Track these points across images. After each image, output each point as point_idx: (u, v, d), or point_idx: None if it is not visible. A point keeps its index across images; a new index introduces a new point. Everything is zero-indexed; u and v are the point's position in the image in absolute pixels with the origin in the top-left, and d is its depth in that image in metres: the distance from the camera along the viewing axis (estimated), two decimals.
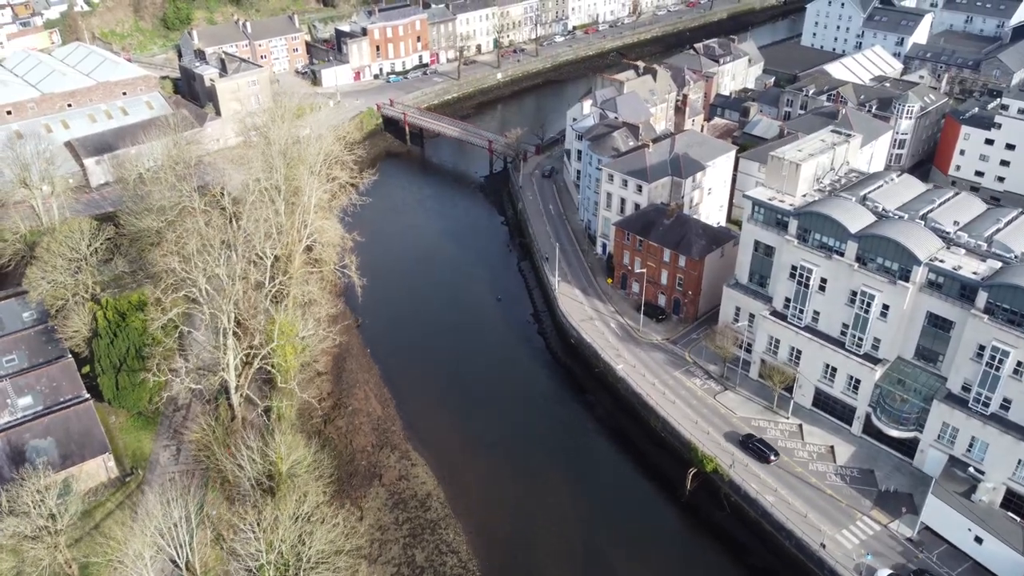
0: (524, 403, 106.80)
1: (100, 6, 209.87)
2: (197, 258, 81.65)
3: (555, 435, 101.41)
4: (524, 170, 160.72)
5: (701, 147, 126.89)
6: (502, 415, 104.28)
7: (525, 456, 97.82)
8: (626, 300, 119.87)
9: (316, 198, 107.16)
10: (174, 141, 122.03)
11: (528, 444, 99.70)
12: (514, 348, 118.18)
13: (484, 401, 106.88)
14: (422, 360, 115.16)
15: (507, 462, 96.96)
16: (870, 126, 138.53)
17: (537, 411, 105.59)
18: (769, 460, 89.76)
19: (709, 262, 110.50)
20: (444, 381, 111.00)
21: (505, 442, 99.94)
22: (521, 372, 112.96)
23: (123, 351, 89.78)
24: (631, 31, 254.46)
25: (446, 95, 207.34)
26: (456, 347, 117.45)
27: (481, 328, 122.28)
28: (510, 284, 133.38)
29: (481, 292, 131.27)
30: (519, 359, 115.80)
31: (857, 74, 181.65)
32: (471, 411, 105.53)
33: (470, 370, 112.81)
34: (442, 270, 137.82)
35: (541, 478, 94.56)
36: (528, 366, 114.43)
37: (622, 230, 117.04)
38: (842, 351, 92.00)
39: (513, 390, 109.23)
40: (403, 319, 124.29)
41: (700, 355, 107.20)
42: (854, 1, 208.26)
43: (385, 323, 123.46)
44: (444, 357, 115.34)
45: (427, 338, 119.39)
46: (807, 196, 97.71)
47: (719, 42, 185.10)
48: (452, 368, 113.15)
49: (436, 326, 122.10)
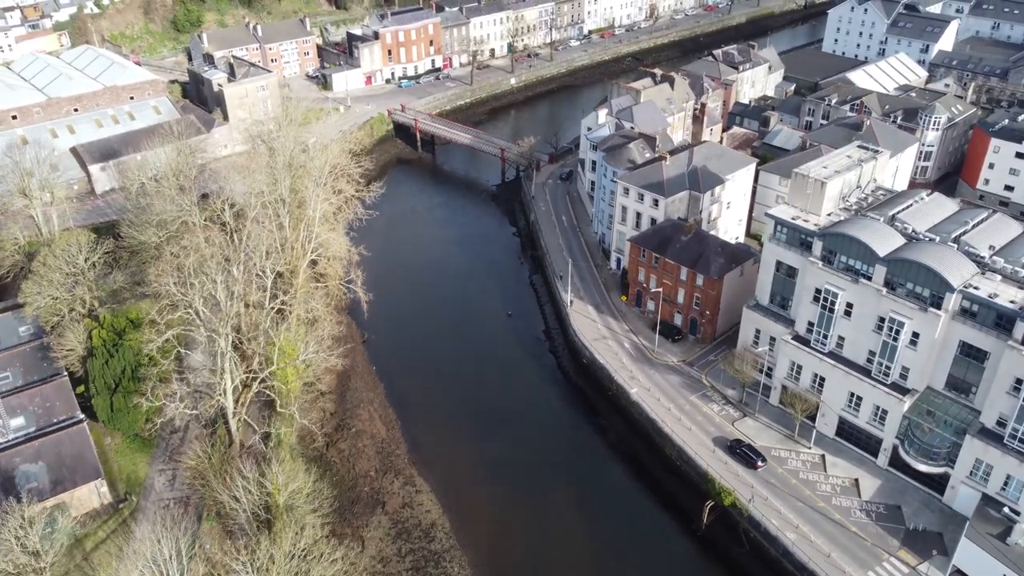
0: (534, 425, 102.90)
1: (110, 8, 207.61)
2: (194, 278, 78.20)
3: (566, 460, 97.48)
4: (537, 179, 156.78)
5: (720, 160, 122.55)
6: (511, 438, 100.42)
7: (534, 482, 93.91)
8: (641, 318, 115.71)
9: (321, 211, 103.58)
10: (177, 149, 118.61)
11: (538, 469, 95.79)
12: (524, 367, 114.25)
13: (492, 422, 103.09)
14: (429, 378, 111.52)
15: (515, 489, 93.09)
16: (895, 138, 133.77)
17: (547, 434, 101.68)
18: (756, 466, 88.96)
19: (728, 281, 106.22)
20: (452, 400, 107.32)
21: (514, 467, 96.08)
22: (531, 392, 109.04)
23: (118, 372, 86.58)
24: (648, 35, 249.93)
25: (458, 100, 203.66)
26: (465, 364, 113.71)
27: (491, 345, 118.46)
28: (521, 298, 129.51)
29: (491, 307, 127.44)
30: (529, 378, 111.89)
31: (880, 82, 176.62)
32: (479, 433, 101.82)
33: (478, 389, 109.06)
34: (452, 283, 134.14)
35: (550, 506, 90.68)
36: (539, 386, 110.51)
37: (637, 246, 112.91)
38: (868, 380, 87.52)
39: (523, 411, 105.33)
40: (410, 335, 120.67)
41: (718, 378, 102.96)
42: (878, 7, 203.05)
43: (392, 339, 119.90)
44: (452, 375, 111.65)
45: (435, 355, 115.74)
46: (832, 215, 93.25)
47: (738, 48, 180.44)
48: (460, 386, 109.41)
49: (444, 342, 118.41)
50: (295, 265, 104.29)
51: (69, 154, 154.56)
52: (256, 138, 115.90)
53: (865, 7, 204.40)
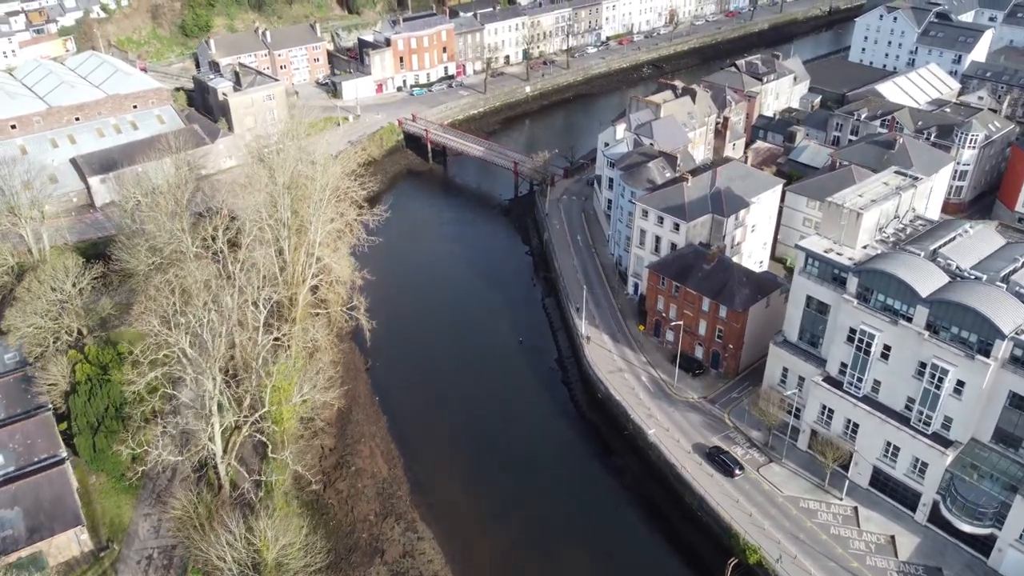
0: (545, 465, 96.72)
1: (117, 13, 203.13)
2: (180, 316, 72.70)
3: (579, 505, 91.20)
4: (551, 195, 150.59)
5: (744, 180, 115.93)
6: (520, 478, 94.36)
7: (544, 529, 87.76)
8: (659, 350, 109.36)
9: (322, 235, 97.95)
10: (175, 165, 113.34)
11: (549, 514, 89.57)
12: (535, 399, 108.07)
13: (501, 460, 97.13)
14: (435, 410, 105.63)
15: (524, 536, 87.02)
16: (930, 157, 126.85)
17: (559, 475, 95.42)
18: (733, 474, 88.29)
19: (753, 313, 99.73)
20: (458, 435, 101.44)
21: (523, 511, 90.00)
22: (542, 428, 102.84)
23: (101, 410, 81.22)
24: (667, 42, 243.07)
25: (471, 110, 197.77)
26: (473, 396, 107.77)
27: (500, 374, 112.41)
28: (533, 324, 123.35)
29: (502, 332, 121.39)
30: (541, 413, 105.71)
31: (911, 94, 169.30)
32: (486, 471, 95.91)
33: (486, 423, 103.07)
34: (461, 305, 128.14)
35: (562, 558, 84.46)
36: (550, 421, 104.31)
37: (656, 274, 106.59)
38: (907, 429, 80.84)
39: (533, 449, 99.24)
40: (417, 362, 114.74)
41: (741, 418, 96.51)
42: (908, 15, 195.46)
43: (397, 366, 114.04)
44: (459, 407, 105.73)
45: (442, 384, 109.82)
46: (868, 248, 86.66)
47: (762, 58, 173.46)
48: (467, 419, 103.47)
49: (452, 370, 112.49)
50: (294, 292, 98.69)
51: (69, 165, 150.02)
52: (255, 155, 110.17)
53: (894, 15, 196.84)
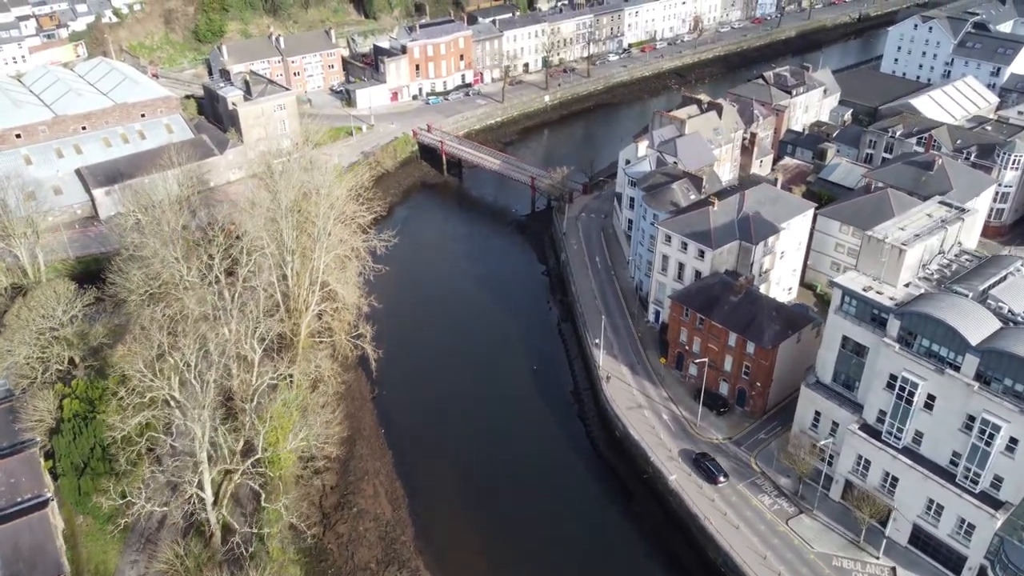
0: (559, 509, 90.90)
1: (129, 17, 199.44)
2: (169, 356, 67.74)
3: (594, 555, 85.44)
4: (569, 212, 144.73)
5: (774, 204, 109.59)
6: (533, 522, 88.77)
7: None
8: (681, 384, 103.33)
9: (326, 262, 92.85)
10: (177, 182, 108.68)
11: (561, 564, 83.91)
12: (549, 435, 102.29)
13: (511, 502, 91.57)
14: (444, 444, 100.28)
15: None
16: (970, 179, 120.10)
17: (574, 520, 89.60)
18: (717, 481, 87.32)
19: (783, 350, 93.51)
20: (467, 473, 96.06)
21: (535, 560, 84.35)
22: (557, 467, 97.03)
23: (87, 451, 76.43)
24: (691, 50, 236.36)
25: (489, 119, 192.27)
26: (484, 428, 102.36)
27: (513, 406, 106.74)
28: (548, 350, 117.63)
29: (515, 359, 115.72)
30: (555, 449, 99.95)
31: (947, 108, 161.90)
32: (495, 514, 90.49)
33: (498, 460, 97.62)
34: (474, 328, 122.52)
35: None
36: (565, 460, 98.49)
37: (680, 305, 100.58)
38: (952, 486, 74.41)
39: (546, 489, 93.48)
40: (426, 388, 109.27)
41: (769, 463, 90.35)
42: (944, 25, 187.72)
43: (405, 394, 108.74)
44: (469, 440, 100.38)
45: (451, 414, 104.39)
46: (911, 287, 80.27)
47: (791, 70, 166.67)
48: (477, 457, 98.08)
49: (463, 398, 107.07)
50: (297, 321, 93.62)
51: (74, 176, 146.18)
52: (259, 175, 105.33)
53: (929, 25, 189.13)
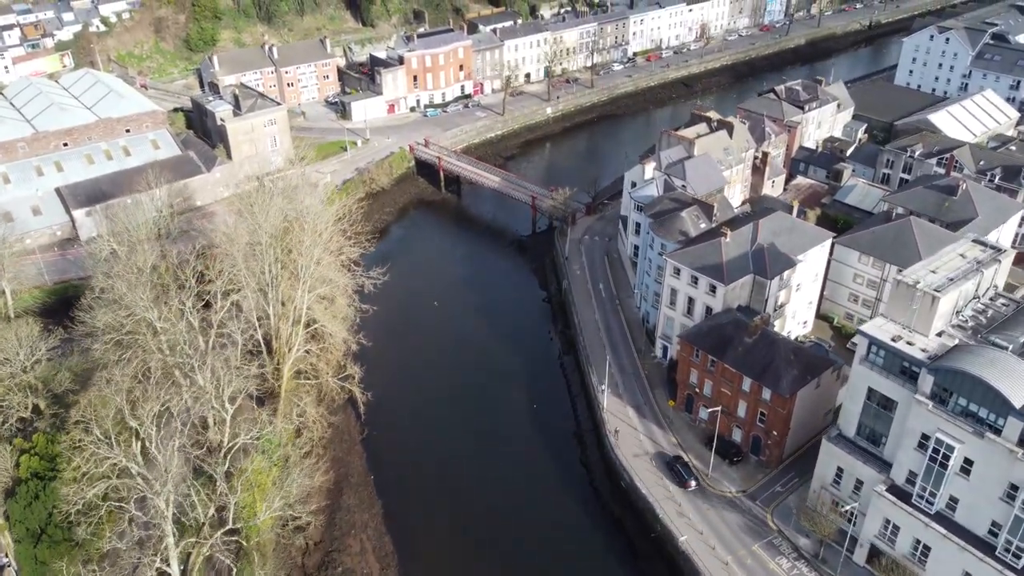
0: (559, 566, 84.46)
1: (117, 26, 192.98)
2: (131, 418, 61.35)
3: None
4: (572, 234, 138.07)
5: (790, 235, 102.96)
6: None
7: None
8: (691, 428, 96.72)
9: (310, 300, 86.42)
10: (157, 208, 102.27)
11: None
12: (550, 483, 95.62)
13: (509, 559, 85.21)
14: (437, 492, 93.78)
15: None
16: (995, 204, 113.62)
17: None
18: (686, 485, 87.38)
19: (801, 396, 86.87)
20: (462, 525, 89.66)
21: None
22: (558, 520, 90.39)
23: (44, 517, 70.00)
24: (698, 59, 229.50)
25: (488, 132, 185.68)
26: (481, 474, 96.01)
27: (511, 449, 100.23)
28: (549, 387, 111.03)
29: (514, 396, 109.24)
30: (556, 500, 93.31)
31: (966, 124, 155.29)
32: (493, 573, 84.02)
33: (494, 512, 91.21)
34: (470, 361, 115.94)
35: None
36: (567, 511, 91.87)
37: (690, 345, 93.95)
38: (991, 560, 67.74)
39: (547, 544, 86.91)
40: (419, 429, 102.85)
41: (787, 520, 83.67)
42: (961, 36, 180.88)
43: (396, 436, 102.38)
44: (464, 489, 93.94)
45: (446, 458, 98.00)
46: (944, 336, 73.61)
47: (804, 84, 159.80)
48: (472, 507, 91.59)
49: (458, 441, 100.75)
50: (280, 363, 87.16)
51: (54, 195, 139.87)
52: (238, 208, 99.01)
53: (946, 36, 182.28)
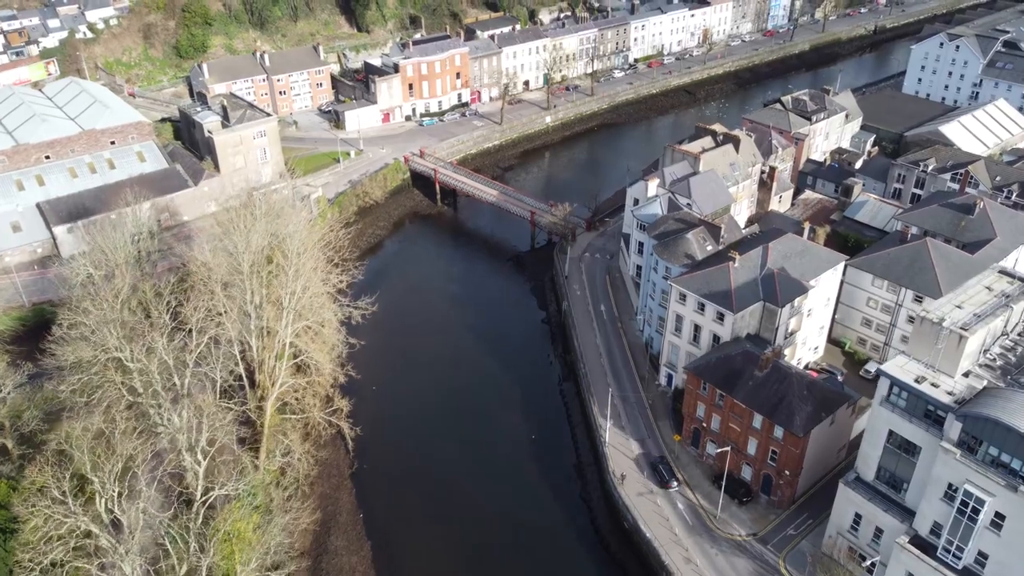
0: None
1: (105, 33, 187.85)
2: (91, 478, 56.42)
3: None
4: (572, 251, 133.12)
5: (801, 259, 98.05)
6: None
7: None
8: (698, 464, 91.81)
9: (292, 335, 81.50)
10: (137, 236, 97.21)
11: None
12: (550, 521, 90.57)
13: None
14: (431, 531, 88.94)
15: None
16: (1014, 224, 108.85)
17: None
18: (667, 486, 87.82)
19: (816, 434, 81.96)
20: (456, 565, 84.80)
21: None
22: (557, 561, 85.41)
23: (4, 574, 64.92)
24: (700, 65, 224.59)
25: (486, 142, 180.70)
26: (475, 512, 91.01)
27: (509, 483, 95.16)
28: (549, 415, 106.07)
29: (512, 425, 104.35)
30: (556, 539, 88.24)
31: (979, 136, 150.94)
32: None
33: (491, 552, 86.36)
34: (466, 387, 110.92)
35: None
36: (566, 551, 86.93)
37: (697, 378, 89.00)
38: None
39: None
40: (411, 461, 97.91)
41: (801, 566, 78.78)
42: (972, 43, 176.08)
43: (387, 469, 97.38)
44: (459, 527, 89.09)
45: (440, 495, 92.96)
46: (971, 377, 68.70)
47: (811, 94, 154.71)
48: (468, 548, 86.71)
49: (452, 474, 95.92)
50: (263, 397, 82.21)
51: (35, 210, 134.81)
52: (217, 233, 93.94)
53: (956, 44, 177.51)
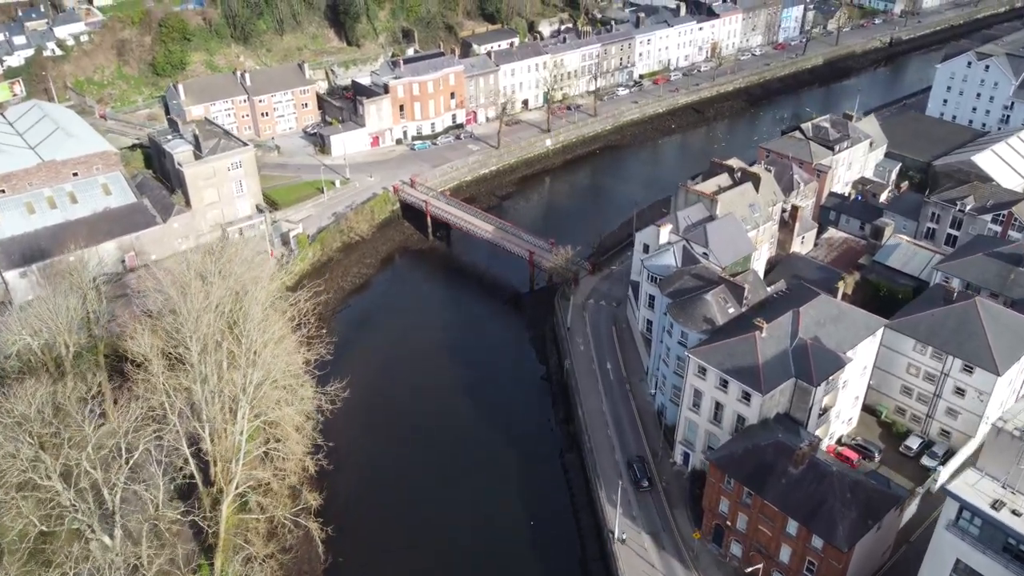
0: None
1: (75, 51, 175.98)
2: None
3: None
4: (575, 298, 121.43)
5: (836, 324, 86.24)
6: None
7: None
8: (720, 566, 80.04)
9: (249, 431, 69.86)
10: (93, 274, 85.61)
11: None
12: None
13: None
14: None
15: None
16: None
17: None
18: (640, 487, 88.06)
19: (861, 545, 70.25)
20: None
21: None
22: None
23: None
24: (709, 81, 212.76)
25: (482, 168, 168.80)
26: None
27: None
28: (549, 496, 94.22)
29: (509, 506, 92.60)
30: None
31: (1015, 166, 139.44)
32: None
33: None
34: (457, 459, 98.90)
35: None
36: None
37: (721, 472, 77.24)
38: None
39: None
40: (395, 552, 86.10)
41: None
42: (1002, 63, 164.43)
43: (369, 562, 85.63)
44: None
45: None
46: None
47: (832, 121, 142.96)
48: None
49: (442, 569, 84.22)
50: (217, 500, 70.56)
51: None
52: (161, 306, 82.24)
53: (986, 64, 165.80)
